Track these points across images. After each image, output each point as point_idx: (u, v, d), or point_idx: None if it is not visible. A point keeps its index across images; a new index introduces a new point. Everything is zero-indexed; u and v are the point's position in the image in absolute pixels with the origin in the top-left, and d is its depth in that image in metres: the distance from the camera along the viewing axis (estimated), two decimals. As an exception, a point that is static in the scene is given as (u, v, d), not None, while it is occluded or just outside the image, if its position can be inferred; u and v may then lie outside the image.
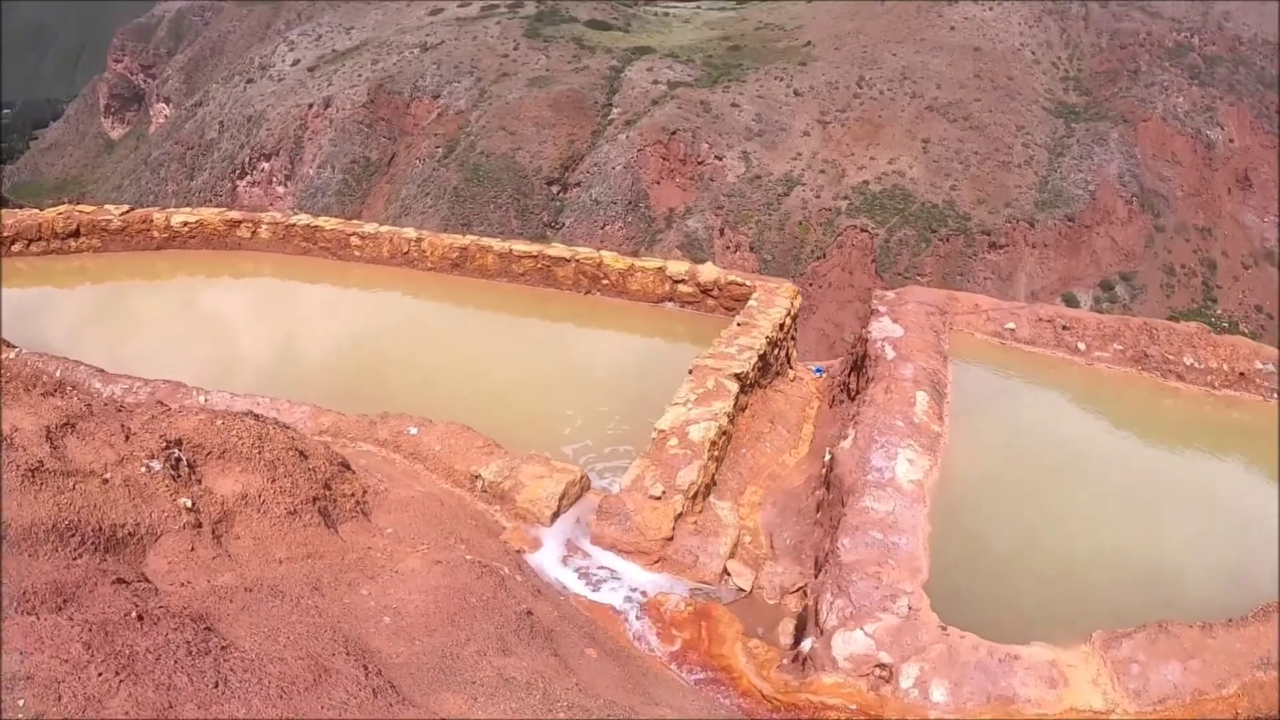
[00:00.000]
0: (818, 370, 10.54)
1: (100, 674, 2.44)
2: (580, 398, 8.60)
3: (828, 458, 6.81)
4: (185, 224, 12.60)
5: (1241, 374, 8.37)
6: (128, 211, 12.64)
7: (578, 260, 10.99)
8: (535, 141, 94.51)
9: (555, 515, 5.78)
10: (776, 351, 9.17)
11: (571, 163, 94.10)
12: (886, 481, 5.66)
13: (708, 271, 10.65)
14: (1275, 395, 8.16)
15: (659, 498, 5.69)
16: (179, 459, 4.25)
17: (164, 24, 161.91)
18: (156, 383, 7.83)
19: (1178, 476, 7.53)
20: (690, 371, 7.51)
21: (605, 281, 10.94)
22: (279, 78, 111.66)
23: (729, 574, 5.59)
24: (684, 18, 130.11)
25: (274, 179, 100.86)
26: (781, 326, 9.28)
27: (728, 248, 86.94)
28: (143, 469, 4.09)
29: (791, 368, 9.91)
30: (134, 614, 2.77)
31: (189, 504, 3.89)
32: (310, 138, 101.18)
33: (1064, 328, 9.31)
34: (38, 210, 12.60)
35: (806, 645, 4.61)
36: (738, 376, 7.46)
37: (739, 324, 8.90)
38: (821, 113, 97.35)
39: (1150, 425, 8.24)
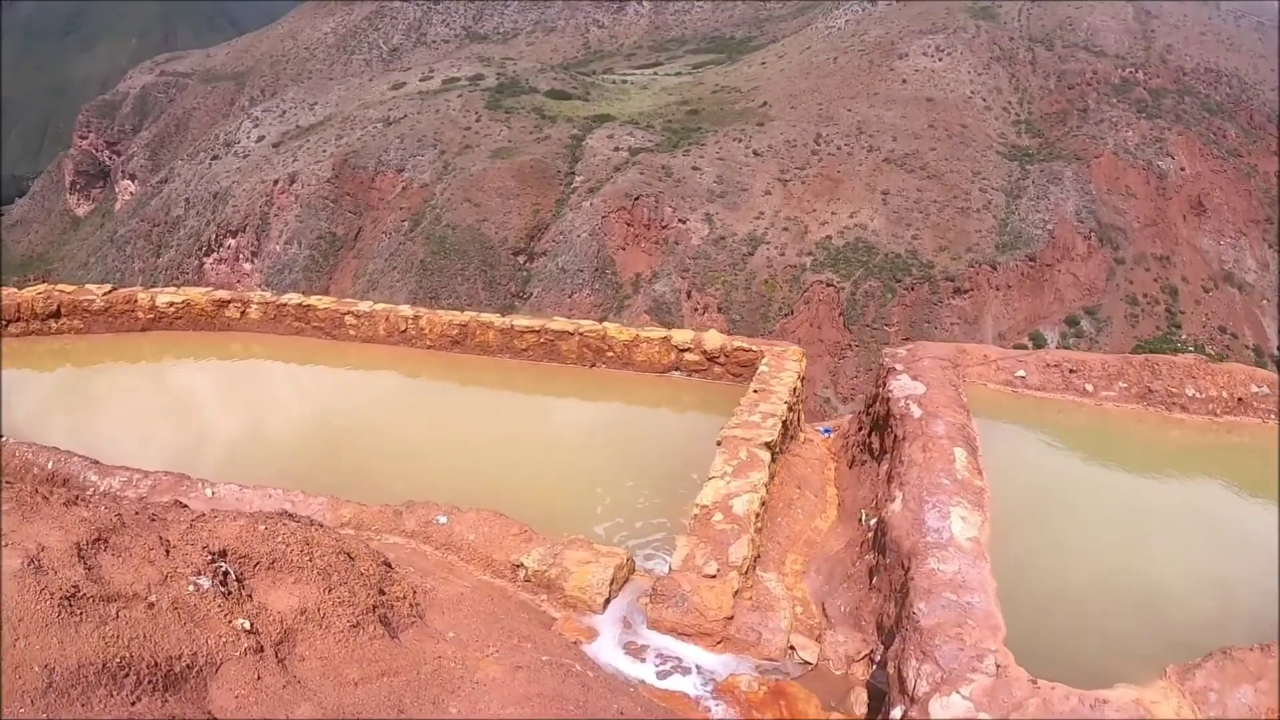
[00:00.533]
0: (825, 431, 10.41)
1: None
2: (603, 474, 8.35)
3: (872, 521, 6.64)
4: (171, 304, 12.20)
5: (1240, 399, 8.60)
6: (111, 291, 12.22)
7: (581, 333, 10.79)
8: (500, 212, 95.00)
9: (607, 601, 5.53)
10: (791, 415, 9.04)
11: (537, 232, 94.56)
12: (946, 541, 5.53)
13: (713, 339, 10.53)
14: (1272, 416, 8.39)
15: (714, 576, 5.47)
16: (226, 573, 3.95)
17: (129, 101, 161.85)
18: (158, 475, 7.41)
19: (1195, 503, 7.71)
20: (719, 443, 7.34)
21: (610, 354, 10.74)
22: (244, 154, 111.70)
23: (793, 648, 5.38)
24: (642, 84, 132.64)
25: (241, 256, 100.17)
26: (794, 390, 9.18)
27: (695, 310, 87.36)
28: (190, 588, 3.79)
29: (801, 430, 9.78)
30: (226, 766, 2.49)
31: (246, 625, 3.59)
32: (276, 214, 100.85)
33: (1071, 371, 9.38)
34: (15, 290, 12.05)
35: (897, 714, 4.45)
36: (768, 445, 7.31)
37: (755, 390, 8.76)
38: (781, 171, 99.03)
39: (1167, 458, 8.42)
